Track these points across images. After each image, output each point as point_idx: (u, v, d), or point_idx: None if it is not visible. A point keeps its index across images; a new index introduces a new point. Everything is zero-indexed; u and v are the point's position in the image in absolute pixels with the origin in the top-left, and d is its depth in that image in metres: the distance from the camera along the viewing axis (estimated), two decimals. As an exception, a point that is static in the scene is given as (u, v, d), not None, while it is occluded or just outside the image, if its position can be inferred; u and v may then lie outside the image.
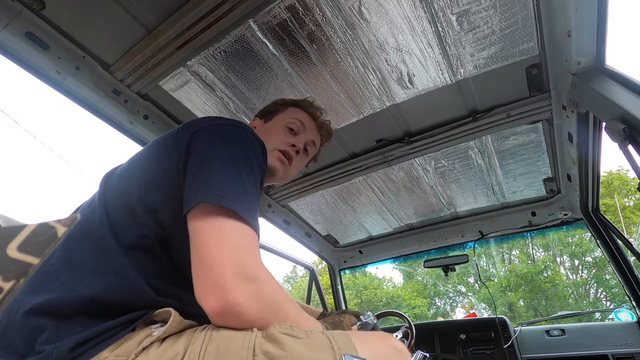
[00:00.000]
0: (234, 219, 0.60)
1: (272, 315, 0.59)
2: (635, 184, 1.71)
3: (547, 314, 14.75)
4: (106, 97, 1.23)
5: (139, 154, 0.77)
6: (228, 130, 0.74)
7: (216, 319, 0.56)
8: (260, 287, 0.58)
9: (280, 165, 1.01)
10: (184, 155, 0.68)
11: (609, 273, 13.80)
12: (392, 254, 2.50)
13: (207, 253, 0.57)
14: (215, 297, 0.55)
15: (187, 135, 0.71)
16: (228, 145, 0.70)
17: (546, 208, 1.98)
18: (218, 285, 0.55)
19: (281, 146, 1.02)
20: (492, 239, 2.26)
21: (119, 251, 0.63)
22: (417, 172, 1.81)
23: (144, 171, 0.71)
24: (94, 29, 1.09)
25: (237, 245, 0.59)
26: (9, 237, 0.21)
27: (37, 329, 0.55)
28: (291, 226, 2.17)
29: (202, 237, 0.59)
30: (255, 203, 0.66)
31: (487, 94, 1.38)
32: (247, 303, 0.55)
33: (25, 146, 48.06)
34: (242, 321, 0.56)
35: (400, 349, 0.69)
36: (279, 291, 0.62)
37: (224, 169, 0.65)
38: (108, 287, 0.59)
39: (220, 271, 0.55)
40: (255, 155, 0.72)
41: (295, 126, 1.07)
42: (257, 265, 0.59)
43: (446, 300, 19.40)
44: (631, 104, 0.88)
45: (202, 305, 0.56)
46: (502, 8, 1.06)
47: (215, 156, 0.67)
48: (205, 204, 0.60)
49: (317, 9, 1.07)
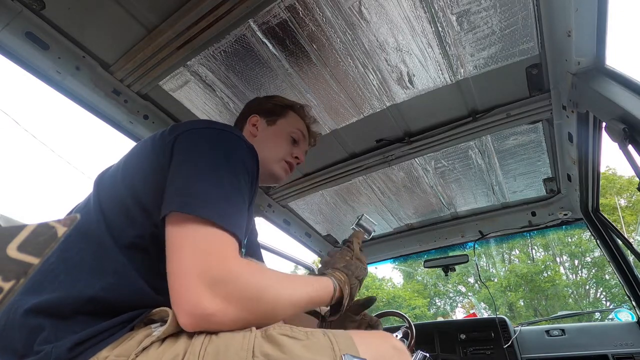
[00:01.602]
0: (205, 225, 0.58)
1: (259, 306, 0.58)
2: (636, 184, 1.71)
3: (547, 314, 14.75)
4: (106, 97, 1.23)
5: (130, 154, 0.77)
6: (213, 134, 0.72)
7: (197, 330, 0.55)
8: (232, 287, 0.55)
9: (285, 175, 1.07)
10: (168, 158, 0.67)
11: (609, 273, 13.80)
12: (392, 254, 2.50)
13: (171, 264, 0.56)
14: (185, 314, 0.53)
15: (172, 137, 0.70)
16: (211, 150, 0.68)
17: (546, 208, 1.98)
18: (184, 299, 0.53)
19: (288, 157, 1.07)
20: (492, 239, 2.26)
21: (117, 251, 0.63)
22: (417, 172, 1.81)
23: (135, 171, 0.71)
24: (94, 29, 1.09)
25: (202, 251, 0.56)
26: (9, 237, 0.21)
27: (36, 329, 0.55)
28: (291, 226, 2.17)
29: (170, 247, 0.58)
30: (236, 208, 0.63)
31: (487, 94, 1.38)
32: (220, 310, 0.54)
33: (26, 146, 48.06)
34: (225, 324, 0.55)
35: (400, 348, 0.69)
36: (260, 279, 0.60)
37: (202, 175, 0.63)
38: (107, 286, 0.59)
39: (183, 282, 0.54)
40: (241, 160, 0.70)
41: (297, 137, 1.11)
42: (224, 264, 0.56)
43: (446, 300, 19.39)
44: (631, 104, 0.88)
45: (178, 321, 0.54)
46: (502, 8, 1.06)
47: (194, 162, 0.66)
48: (175, 212, 0.59)
49: (317, 9, 1.07)
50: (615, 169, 14.68)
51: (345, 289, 0.80)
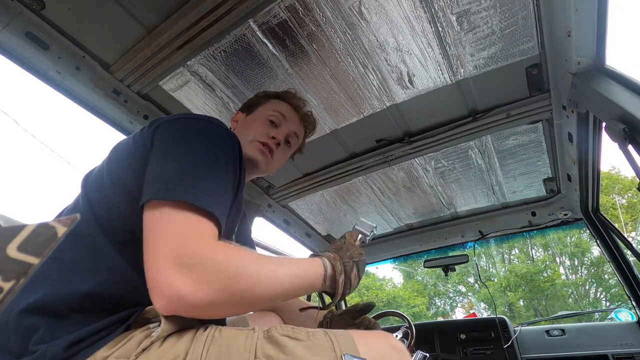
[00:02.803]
0: (183, 209, 0.57)
1: (235, 286, 0.55)
2: (636, 184, 1.71)
3: (547, 314, 14.75)
4: (106, 97, 1.23)
5: (113, 154, 0.76)
6: (190, 123, 0.72)
7: (173, 314, 0.54)
8: (205, 267, 0.53)
9: (261, 156, 0.99)
10: (149, 150, 0.67)
11: (609, 273, 13.81)
12: (392, 254, 2.50)
13: (145, 249, 0.55)
14: (158, 296, 0.52)
15: (152, 129, 0.70)
16: (188, 137, 0.68)
17: (546, 208, 1.98)
18: (156, 281, 0.52)
19: (261, 137, 0.99)
20: (492, 239, 2.26)
21: (111, 248, 0.62)
22: (417, 172, 1.81)
23: (122, 169, 0.70)
24: (94, 29, 1.09)
25: (173, 232, 0.55)
26: (9, 237, 0.21)
27: (31, 329, 0.55)
28: (291, 226, 2.17)
29: (145, 234, 0.57)
30: (215, 189, 0.62)
31: (487, 94, 1.38)
32: (191, 292, 0.51)
33: (26, 146, 48.06)
34: (199, 306, 0.53)
35: (400, 348, 0.69)
36: (235, 258, 0.57)
37: (180, 162, 0.62)
38: (102, 282, 0.59)
39: (155, 265, 0.53)
40: (222, 146, 0.69)
41: (275, 118, 1.05)
42: (195, 244, 0.55)
43: (446, 300, 19.40)
44: (631, 104, 0.88)
45: (155, 306, 0.53)
46: (502, 8, 1.06)
47: (172, 150, 0.65)
48: (153, 200, 0.58)
49: (317, 9, 1.07)
50: (619, 169, 14.68)
51: (337, 266, 0.74)
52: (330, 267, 0.73)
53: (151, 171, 0.63)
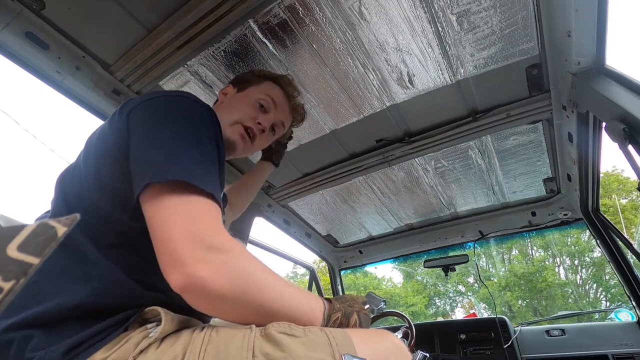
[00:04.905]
0: (184, 190, 0.56)
1: (246, 285, 0.55)
2: (636, 184, 1.72)
3: (547, 314, 14.75)
4: (106, 97, 1.23)
5: (88, 146, 0.71)
6: (166, 101, 0.69)
7: (185, 296, 0.53)
8: (226, 258, 0.54)
9: (241, 140, 0.95)
10: (126, 137, 0.63)
11: (608, 273, 13.80)
12: (392, 254, 2.50)
13: (160, 231, 0.54)
14: (177, 272, 0.52)
15: (125, 114, 0.66)
16: (169, 117, 0.65)
17: (546, 208, 1.98)
18: (177, 259, 0.52)
19: (246, 121, 0.96)
20: (492, 239, 2.26)
21: (98, 255, 0.60)
22: (417, 172, 1.81)
23: (98, 164, 0.66)
24: (94, 29, 1.09)
25: (190, 216, 0.54)
26: (9, 237, 0.21)
27: (24, 339, 0.53)
28: (291, 226, 2.17)
29: (154, 218, 0.55)
30: (210, 169, 0.61)
31: (487, 94, 1.38)
32: (211, 276, 0.51)
33: (26, 146, 48.06)
34: (211, 296, 0.52)
35: (399, 344, 0.69)
36: (253, 263, 0.57)
37: (167, 142, 0.60)
38: (94, 291, 0.57)
39: (175, 246, 0.52)
40: (203, 123, 0.67)
41: (266, 103, 1.01)
42: (218, 234, 0.55)
43: (446, 300, 19.39)
44: (631, 104, 0.88)
45: (169, 283, 0.53)
46: (502, 8, 1.06)
47: (155, 131, 0.62)
48: (152, 184, 0.56)
49: (317, 9, 1.07)
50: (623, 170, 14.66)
51: (335, 305, 0.70)
52: (329, 304, 0.70)
53: (139, 156, 0.60)
